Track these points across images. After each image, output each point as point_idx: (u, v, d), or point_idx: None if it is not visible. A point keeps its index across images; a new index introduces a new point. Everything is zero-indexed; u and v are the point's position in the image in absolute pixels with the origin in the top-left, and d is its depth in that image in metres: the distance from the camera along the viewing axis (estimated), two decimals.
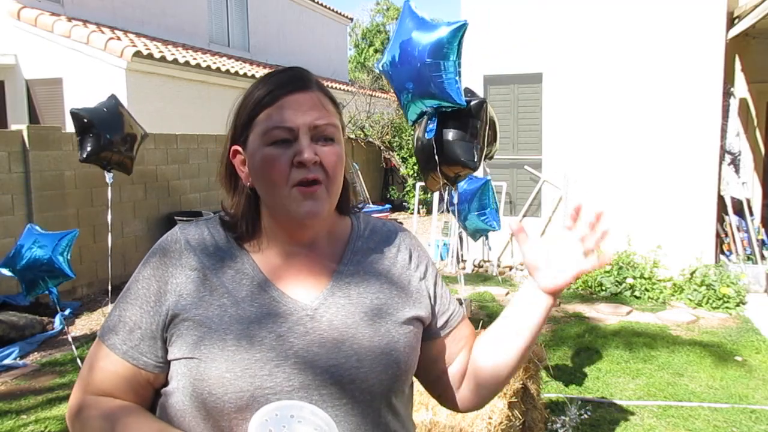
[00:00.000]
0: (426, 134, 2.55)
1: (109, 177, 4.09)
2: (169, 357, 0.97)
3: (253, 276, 1.00)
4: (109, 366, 0.99)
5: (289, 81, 1.00)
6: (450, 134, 2.60)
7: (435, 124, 2.53)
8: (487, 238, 3.45)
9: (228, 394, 0.91)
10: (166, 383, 1.00)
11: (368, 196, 13.15)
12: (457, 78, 2.47)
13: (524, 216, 7.51)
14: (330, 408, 0.94)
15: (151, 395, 1.02)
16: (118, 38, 8.57)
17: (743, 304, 5.96)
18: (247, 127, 1.00)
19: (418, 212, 9.86)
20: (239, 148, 1.02)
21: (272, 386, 0.92)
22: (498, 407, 2.38)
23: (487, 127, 3.33)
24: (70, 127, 8.18)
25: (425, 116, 2.59)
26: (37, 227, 3.65)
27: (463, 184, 3.30)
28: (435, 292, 1.12)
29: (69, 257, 3.58)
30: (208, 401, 0.92)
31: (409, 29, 2.48)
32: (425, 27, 2.45)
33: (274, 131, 0.97)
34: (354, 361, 0.96)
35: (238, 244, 1.03)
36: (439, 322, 1.12)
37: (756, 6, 5.98)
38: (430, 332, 1.11)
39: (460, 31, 2.43)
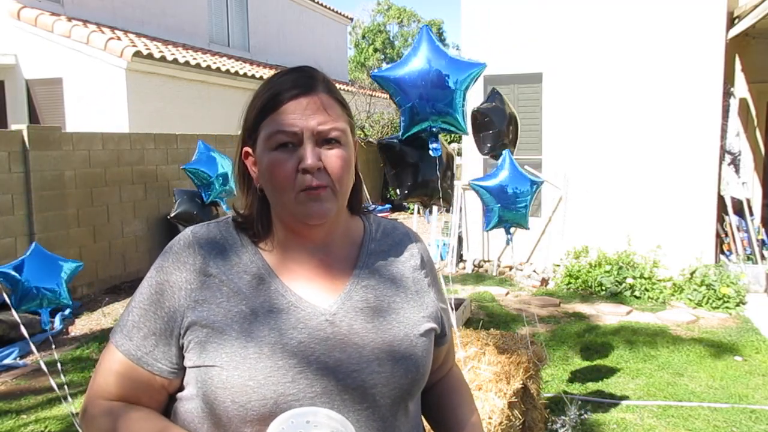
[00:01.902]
0: (432, 152, 2.68)
1: None
2: (188, 364, 0.96)
3: (269, 281, 0.99)
4: (122, 371, 0.99)
5: (294, 84, 0.99)
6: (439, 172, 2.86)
7: (438, 144, 2.68)
8: (509, 233, 3.45)
9: (251, 402, 0.90)
10: (180, 388, 1.00)
11: (368, 196, 13.16)
12: (465, 109, 2.74)
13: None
14: (351, 413, 0.94)
15: (165, 400, 1.01)
16: (118, 38, 8.57)
17: (743, 304, 5.96)
18: (254, 130, 1.00)
19: (418, 212, 9.86)
20: (250, 150, 1.02)
21: (295, 393, 0.91)
22: (498, 407, 2.38)
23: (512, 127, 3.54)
24: (70, 127, 8.21)
25: (424, 135, 2.72)
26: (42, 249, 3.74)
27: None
28: (439, 299, 1.14)
29: (68, 286, 3.69)
30: (230, 409, 0.91)
31: (429, 56, 2.66)
32: (445, 57, 2.69)
33: (277, 136, 0.96)
34: (375, 366, 0.97)
35: (253, 244, 1.03)
36: (441, 332, 1.13)
37: (756, 6, 5.98)
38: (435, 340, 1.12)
39: (479, 70, 2.75)
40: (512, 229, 3.41)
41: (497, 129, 3.57)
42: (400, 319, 1.02)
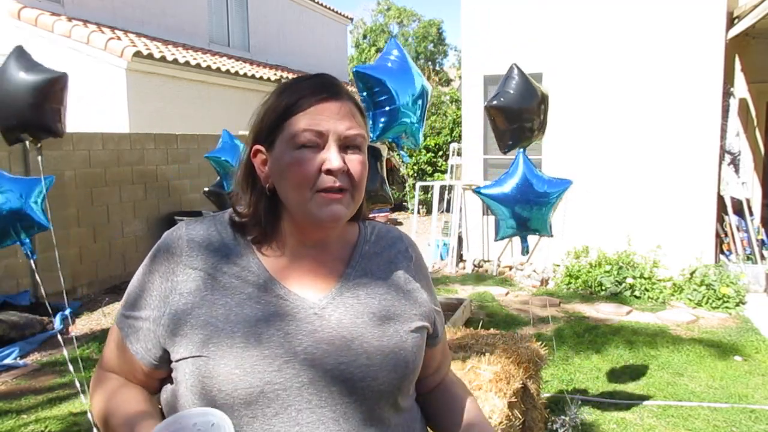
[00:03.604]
0: (405, 159, 2.81)
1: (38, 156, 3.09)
2: (175, 357, 0.98)
3: (258, 274, 1.01)
4: (115, 346, 1.07)
5: (323, 88, 1.02)
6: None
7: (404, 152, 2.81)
8: (526, 241, 3.45)
9: (237, 390, 0.92)
10: (165, 378, 1.04)
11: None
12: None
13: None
14: (339, 404, 0.96)
15: (149, 383, 1.06)
16: (118, 38, 8.57)
17: (743, 303, 5.96)
18: (274, 130, 1.01)
19: (418, 212, 9.86)
20: (261, 149, 1.03)
21: (282, 382, 0.93)
22: (498, 407, 2.38)
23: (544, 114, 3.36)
24: (70, 127, 8.20)
25: (394, 143, 2.81)
26: (5, 172, 3.37)
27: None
28: (432, 301, 1.15)
29: (43, 206, 3.32)
30: (217, 398, 0.93)
31: (402, 68, 2.68)
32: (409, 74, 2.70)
33: (304, 134, 0.98)
34: (364, 359, 0.98)
35: (248, 244, 1.04)
36: (434, 333, 1.15)
37: (756, 6, 5.98)
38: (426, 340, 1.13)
39: (426, 92, 2.78)
40: (529, 238, 3.38)
41: (518, 124, 3.41)
42: (390, 315, 1.04)
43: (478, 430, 1.13)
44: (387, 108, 2.63)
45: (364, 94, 2.65)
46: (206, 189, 4.60)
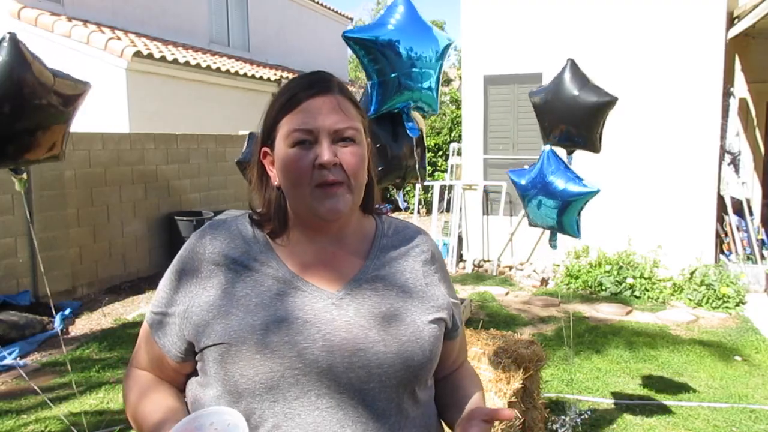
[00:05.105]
0: (411, 132, 2.54)
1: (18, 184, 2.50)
2: (200, 346, 1.02)
3: (277, 268, 1.05)
4: (147, 348, 1.11)
5: (311, 85, 1.05)
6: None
7: (413, 123, 2.55)
8: (554, 238, 3.44)
9: (259, 374, 0.96)
10: (195, 373, 1.08)
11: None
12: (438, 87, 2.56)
13: (524, 216, 7.50)
14: (357, 391, 0.98)
15: (178, 378, 1.10)
16: (118, 38, 8.57)
17: (743, 303, 5.96)
18: (272, 130, 1.06)
19: (418, 212, 9.87)
20: (268, 150, 1.08)
21: (301, 367, 0.96)
22: (498, 407, 2.38)
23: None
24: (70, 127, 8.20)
25: (402, 113, 2.53)
26: None
27: (572, 186, 3.28)
28: (450, 294, 1.17)
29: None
30: (239, 383, 0.97)
31: (416, 26, 2.45)
32: (427, 30, 2.50)
33: (295, 133, 1.02)
34: (381, 347, 1.00)
35: (267, 241, 1.08)
36: (452, 326, 1.16)
37: (756, 6, 5.98)
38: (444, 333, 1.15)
39: (448, 48, 2.54)
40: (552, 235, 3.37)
41: (554, 124, 3.34)
42: (408, 306, 1.06)
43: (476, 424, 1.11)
44: (380, 79, 2.36)
45: (365, 61, 2.35)
46: (238, 159, 4.39)
